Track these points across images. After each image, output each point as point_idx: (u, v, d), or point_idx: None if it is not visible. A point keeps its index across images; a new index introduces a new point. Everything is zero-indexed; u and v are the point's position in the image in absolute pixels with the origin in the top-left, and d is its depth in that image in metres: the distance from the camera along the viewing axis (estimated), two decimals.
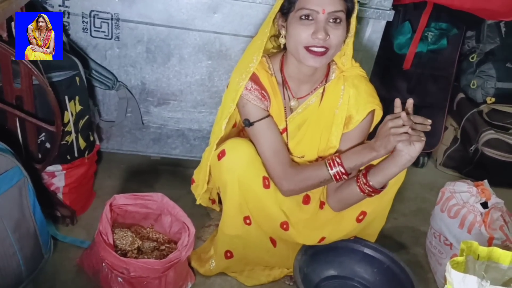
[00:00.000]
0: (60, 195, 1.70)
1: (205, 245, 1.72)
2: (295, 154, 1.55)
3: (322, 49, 1.33)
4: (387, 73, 2.41)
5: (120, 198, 1.56)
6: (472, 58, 2.50)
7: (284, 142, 1.50)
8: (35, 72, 1.42)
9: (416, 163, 2.52)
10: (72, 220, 1.72)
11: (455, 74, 2.49)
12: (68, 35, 1.76)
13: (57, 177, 1.67)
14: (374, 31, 1.85)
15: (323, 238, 1.55)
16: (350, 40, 1.44)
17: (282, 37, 1.42)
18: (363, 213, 1.53)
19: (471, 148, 2.35)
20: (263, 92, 1.45)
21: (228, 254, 1.57)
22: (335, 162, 1.41)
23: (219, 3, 1.74)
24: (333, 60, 1.50)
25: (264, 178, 1.45)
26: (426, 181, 2.41)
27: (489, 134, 2.28)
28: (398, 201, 2.13)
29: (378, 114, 1.50)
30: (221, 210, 1.61)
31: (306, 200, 1.58)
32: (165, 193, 1.63)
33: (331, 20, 1.32)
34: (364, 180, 1.41)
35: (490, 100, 2.45)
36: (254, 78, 1.44)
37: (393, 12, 1.81)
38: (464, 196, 1.67)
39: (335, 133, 1.49)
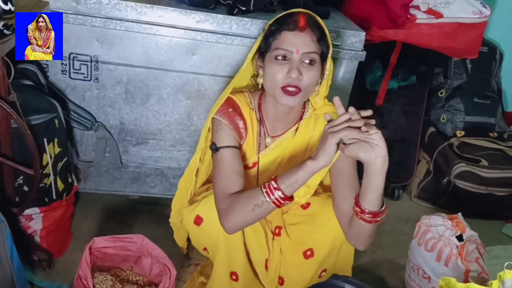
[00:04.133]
0: (37, 238, 1.67)
1: (185, 286, 1.70)
2: None
3: (295, 89, 1.36)
4: (360, 109, 2.47)
5: (99, 241, 1.54)
6: (441, 93, 2.61)
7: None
8: (14, 116, 1.42)
9: (391, 196, 2.57)
10: (49, 264, 1.69)
11: (425, 109, 2.59)
12: (46, 77, 1.76)
13: (35, 220, 1.64)
14: (347, 71, 1.91)
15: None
16: (324, 82, 1.47)
17: (260, 77, 1.46)
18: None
19: (444, 180, 2.42)
20: (244, 124, 1.47)
21: None
22: (271, 187, 1.28)
23: (197, 45, 1.78)
24: (308, 100, 1.54)
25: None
26: (402, 214, 2.46)
27: (461, 167, 2.35)
28: (376, 235, 2.16)
29: None
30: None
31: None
32: (144, 232, 1.62)
33: (305, 61, 1.36)
34: (359, 209, 1.29)
35: (460, 133, 2.54)
36: (237, 109, 1.47)
37: (365, 52, 1.88)
38: (439, 230, 1.71)
39: None
